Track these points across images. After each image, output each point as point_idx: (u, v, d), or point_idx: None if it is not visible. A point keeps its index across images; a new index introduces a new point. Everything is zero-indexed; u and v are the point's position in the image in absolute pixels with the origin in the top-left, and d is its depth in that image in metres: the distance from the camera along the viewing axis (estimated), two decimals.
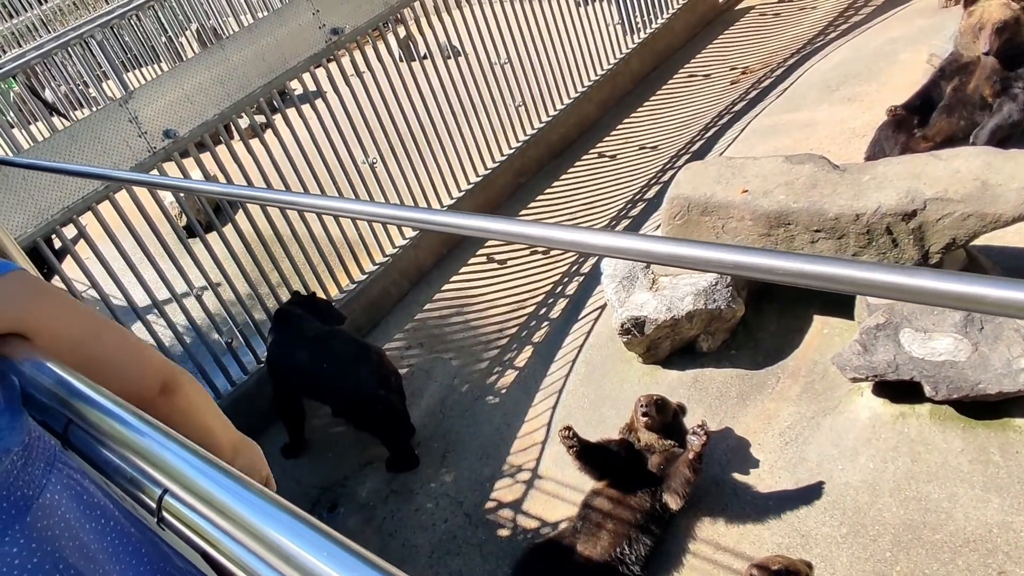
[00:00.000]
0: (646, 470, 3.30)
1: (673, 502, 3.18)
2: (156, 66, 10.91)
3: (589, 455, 3.34)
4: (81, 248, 4.34)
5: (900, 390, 3.20)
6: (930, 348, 3.00)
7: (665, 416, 3.37)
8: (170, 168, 4.46)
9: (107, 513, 0.93)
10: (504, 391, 4.43)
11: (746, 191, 3.63)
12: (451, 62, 5.84)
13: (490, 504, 3.81)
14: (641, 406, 3.36)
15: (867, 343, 3.18)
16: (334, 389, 4.09)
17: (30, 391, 1.02)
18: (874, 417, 3.26)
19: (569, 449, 3.31)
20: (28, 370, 1.03)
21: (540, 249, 5.51)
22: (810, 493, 3.15)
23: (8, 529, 0.88)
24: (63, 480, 0.92)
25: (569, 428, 3.31)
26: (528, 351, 4.66)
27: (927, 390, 3.01)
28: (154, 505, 0.80)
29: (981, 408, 3.01)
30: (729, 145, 5.76)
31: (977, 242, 3.25)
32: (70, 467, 0.94)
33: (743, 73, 6.94)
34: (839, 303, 3.73)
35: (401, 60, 5.57)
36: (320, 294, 5.13)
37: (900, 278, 0.65)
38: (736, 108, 6.35)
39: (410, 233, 5.57)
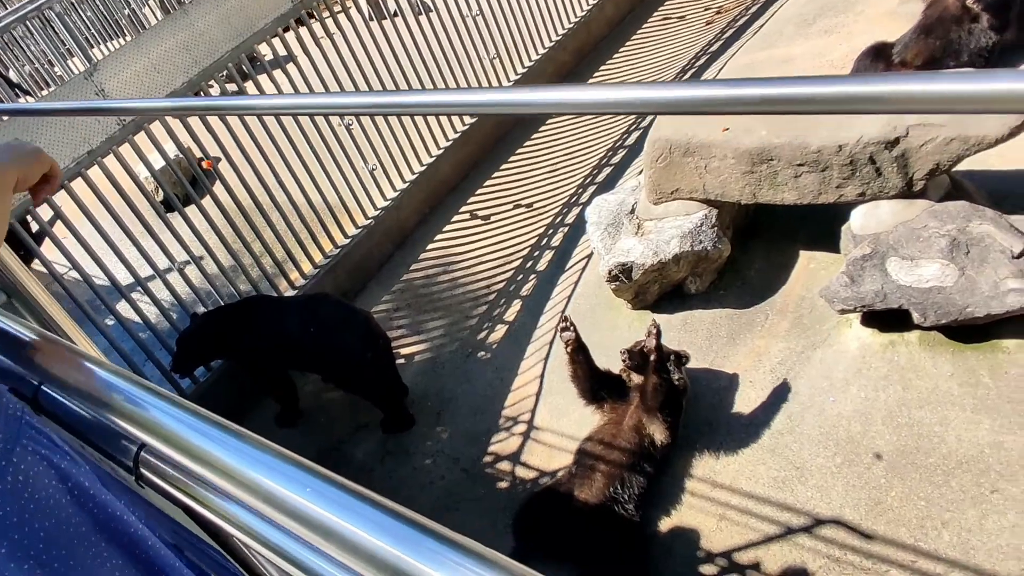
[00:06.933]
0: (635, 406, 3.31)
1: (652, 423, 3.19)
2: (120, 40, 10.65)
3: (584, 356, 3.40)
4: (59, 229, 4.26)
5: (888, 319, 3.20)
6: (917, 275, 3.00)
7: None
8: (140, 140, 4.37)
9: (83, 484, 0.88)
10: (495, 346, 4.43)
11: (727, 129, 3.59)
12: (422, 18, 5.72)
13: (487, 458, 3.82)
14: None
15: (854, 274, 3.17)
16: (322, 356, 4.01)
17: None
18: (863, 347, 3.27)
19: (567, 344, 3.36)
20: None
21: (524, 202, 5.47)
22: (803, 426, 3.17)
23: None
24: (34, 450, 0.87)
25: (568, 317, 3.34)
26: (517, 305, 4.65)
27: (915, 317, 3.01)
28: (130, 463, 0.77)
29: (969, 332, 3.02)
30: None
31: (959, 167, 3.23)
32: (41, 433, 0.89)
33: (718, 12, 6.83)
34: (825, 237, 3.72)
35: (371, 19, 5.45)
36: (304, 261, 5.08)
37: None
38: (713, 48, 6.27)
39: (391, 194, 5.51)
